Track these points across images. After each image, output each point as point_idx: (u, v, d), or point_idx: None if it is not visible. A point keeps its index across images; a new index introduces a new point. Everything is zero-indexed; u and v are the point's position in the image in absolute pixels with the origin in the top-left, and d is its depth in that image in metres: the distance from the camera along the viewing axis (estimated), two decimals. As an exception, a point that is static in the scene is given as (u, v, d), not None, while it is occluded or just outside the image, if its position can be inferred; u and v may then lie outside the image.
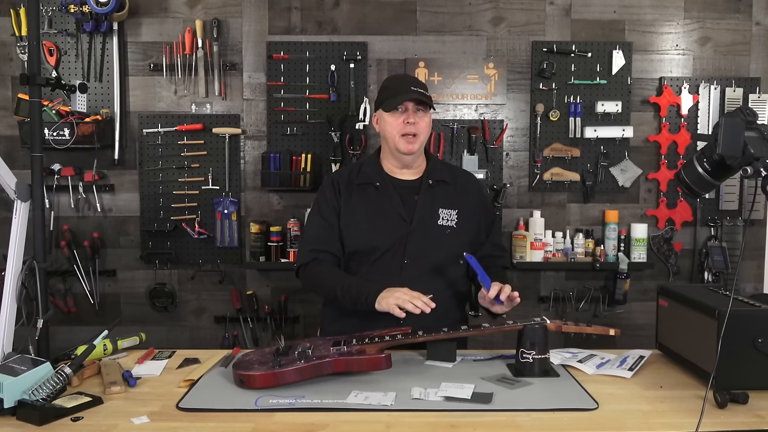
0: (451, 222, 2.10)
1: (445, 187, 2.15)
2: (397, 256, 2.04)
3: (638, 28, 3.26)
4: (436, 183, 2.14)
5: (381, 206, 2.10)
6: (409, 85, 2.08)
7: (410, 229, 2.06)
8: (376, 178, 2.13)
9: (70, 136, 3.06)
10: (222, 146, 3.23)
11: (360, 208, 2.10)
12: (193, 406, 1.59)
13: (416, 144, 2.07)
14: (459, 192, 2.16)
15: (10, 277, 1.84)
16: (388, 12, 3.25)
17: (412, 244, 2.05)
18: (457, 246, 2.09)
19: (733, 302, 1.58)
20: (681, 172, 1.70)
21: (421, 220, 2.07)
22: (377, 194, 2.11)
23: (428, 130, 2.12)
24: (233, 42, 3.25)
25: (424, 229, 2.07)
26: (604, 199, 3.31)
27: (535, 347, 1.78)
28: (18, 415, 1.53)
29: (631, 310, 3.31)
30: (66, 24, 3.20)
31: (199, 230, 3.23)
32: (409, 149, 2.07)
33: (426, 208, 2.09)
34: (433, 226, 2.08)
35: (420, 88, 2.09)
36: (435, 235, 2.07)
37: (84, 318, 3.28)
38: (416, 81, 2.15)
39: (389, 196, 2.10)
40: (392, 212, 2.08)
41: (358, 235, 2.08)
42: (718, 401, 1.56)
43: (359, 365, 1.73)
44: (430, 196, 2.11)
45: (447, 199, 2.13)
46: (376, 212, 2.09)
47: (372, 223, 2.08)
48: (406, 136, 2.06)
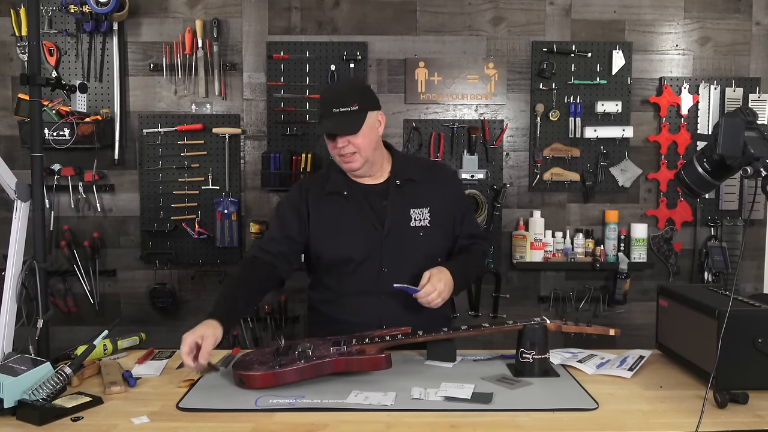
0: (423, 222, 2.04)
1: (414, 185, 2.07)
2: (375, 264, 2.00)
3: (638, 28, 3.26)
4: (405, 182, 2.07)
5: (351, 216, 2.05)
6: (331, 106, 1.96)
7: (383, 236, 2.01)
8: (343, 186, 2.07)
9: (70, 136, 3.06)
10: (222, 146, 3.22)
11: (331, 219, 2.06)
12: (193, 406, 1.59)
13: (358, 161, 1.99)
14: (429, 187, 2.09)
15: (10, 277, 1.84)
16: (388, 12, 3.25)
17: (387, 251, 2.01)
18: (433, 245, 2.05)
19: (733, 302, 1.58)
20: (681, 172, 1.70)
21: (393, 225, 2.02)
22: (346, 203, 2.06)
23: (369, 139, 1.99)
24: (233, 42, 3.25)
25: (397, 234, 2.02)
26: (604, 199, 3.31)
27: (535, 347, 1.78)
28: (18, 415, 1.53)
29: (631, 310, 3.31)
30: (66, 24, 3.20)
31: (199, 230, 3.23)
32: (351, 168, 2.02)
33: (396, 211, 2.04)
34: (406, 229, 2.03)
35: (343, 106, 1.95)
36: (409, 238, 2.02)
37: (84, 318, 3.28)
38: (341, 97, 1.98)
39: (358, 205, 2.05)
40: (363, 221, 2.03)
41: (332, 248, 2.04)
42: (718, 401, 1.56)
43: (359, 365, 1.73)
44: (399, 198, 2.05)
45: (417, 197, 2.06)
46: (347, 223, 2.04)
47: (345, 235, 2.03)
48: (343, 156, 1.99)
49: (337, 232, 2.04)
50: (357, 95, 2.00)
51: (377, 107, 2.05)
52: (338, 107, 1.95)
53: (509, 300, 3.30)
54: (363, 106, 1.98)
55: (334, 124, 1.95)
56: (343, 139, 1.96)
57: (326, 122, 1.97)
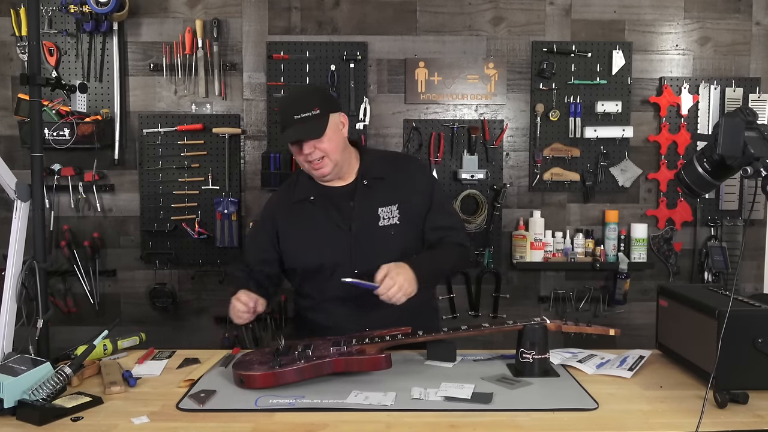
0: (393, 220, 2.01)
1: (382, 183, 2.04)
2: (347, 268, 1.98)
3: (638, 28, 3.26)
4: (372, 181, 2.04)
5: (319, 222, 2.03)
6: (292, 113, 1.94)
7: (352, 238, 1.99)
8: (310, 192, 2.06)
9: (70, 136, 3.06)
10: (222, 146, 3.22)
11: (300, 228, 2.05)
12: (193, 406, 1.59)
13: (328, 166, 1.98)
14: (397, 183, 2.05)
15: (10, 277, 1.84)
16: (388, 12, 3.25)
17: (358, 253, 1.99)
18: (406, 242, 2.02)
19: (733, 302, 1.58)
20: (681, 172, 1.70)
21: (361, 227, 2.00)
22: (314, 209, 2.05)
23: (336, 142, 1.97)
24: (233, 42, 3.25)
25: (366, 235, 2.00)
26: (604, 199, 3.31)
27: (535, 347, 1.78)
28: (18, 415, 1.53)
29: (631, 310, 3.31)
30: (66, 24, 3.20)
31: (199, 230, 3.23)
32: (321, 174, 2.00)
33: (363, 212, 2.01)
34: (375, 229, 2.00)
35: (303, 111, 1.92)
36: (379, 237, 2.00)
37: (84, 318, 3.28)
38: (300, 103, 1.95)
39: (325, 210, 2.03)
40: (330, 226, 2.02)
41: (304, 256, 2.05)
42: (718, 401, 1.56)
43: (359, 365, 1.73)
44: (367, 198, 2.03)
45: (385, 195, 2.03)
46: (315, 229, 2.03)
47: (314, 242, 2.03)
48: (312, 163, 1.97)
49: (306, 240, 2.04)
50: (316, 99, 1.97)
51: (338, 109, 2.04)
52: (299, 113, 1.93)
53: (509, 300, 3.30)
54: (324, 109, 1.95)
55: (297, 131, 1.93)
56: (309, 144, 1.94)
57: (289, 131, 1.95)
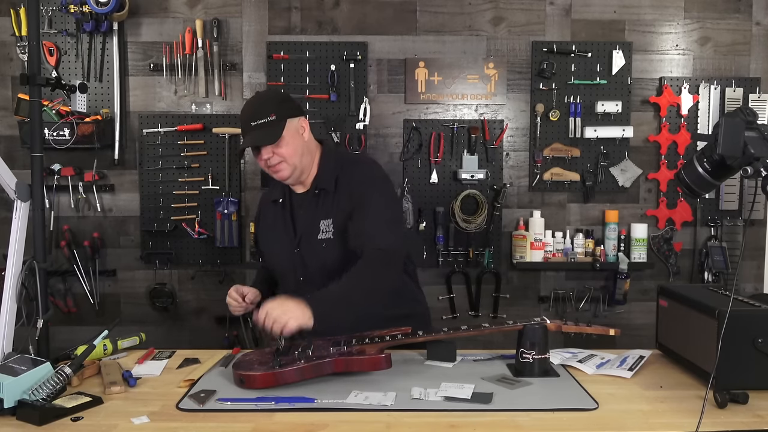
0: (328, 234, 1.99)
1: (326, 195, 2.02)
2: (294, 273, 2.04)
3: (638, 28, 3.26)
4: (321, 191, 2.03)
5: (277, 226, 2.09)
6: (249, 120, 1.95)
7: (297, 247, 2.03)
8: (280, 194, 2.11)
9: (70, 136, 3.06)
10: (222, 146, 3.22)
11: (267, 227, 2.15)
12: (193, 406, 1.59)
13: (286, 170, 1.97)
14: (339, 195, 2.00)
15: (10, 277, 1.84)
16: (388, 12, 3.25)
17: (301, 261, 2.03)
18: (337, 257, 1.97)
19: (733, 302, 1.58)
20: (681, 172, 1.70)
21: (304, 237, 2.02)
22: (278, 212, 2.10)
23: (294, 147, 1.95)
24: (233, 42, 3.25)
25: (307, 246, 2.02)
26: (604, 199, 3.31)
27: (535, 347, 1.78)
28: (18, 415, 1.53)
29: (631, 310, 3.31)
30: (66, 24, 3.20)
31: (199, 230, 3.23)
32: (280, 177, 2.00)
33: (307, 223, 2.02)
34: (314, 241, 2.00)
35: (259, 118, 1.93)
36: (316, 250, 2.00)
37: (84, 318, 3.28)
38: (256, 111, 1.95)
39: (284, 214, 2.08)
40: (285, 230, 2.07)
41: (266, 255, 2.17)
42: (718, 401, 1.56)
43: (359, 365, 1.73)
44: (312, 209, 2.03)
45: (326, 208, 2.01)
46: (275, 231, 2.10)
47: (272, 243, 2.11)
48: (271, 168, 1.99)
49: (269, 241, 2.14)
50: (272, 106, 1.97)
51: (298, 114, 2.01)
52: (255, 120, 1.94)
53: (509, 300, 3.30)
54: (280, 114, 1.94)
55: (253, 137, 1.95)
56: (267, 150, 1.95)
57: (246, 137, 1.97)
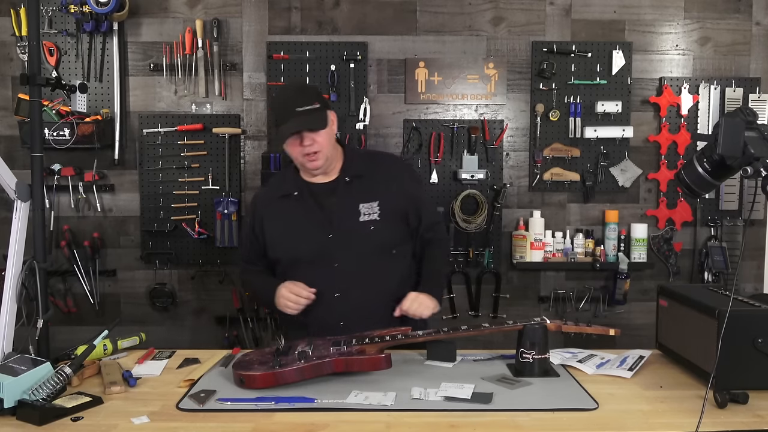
0: (373, 215, 2.05)
1: (363, 180, 2.09)
2: (327, 261, 2.03)
3: (638, 28, 3.26)
4: (354, 178, 2.09)
5: (300, 216, 2.09)
6: (294, 106, 1.98)
7: (332, 233, 2.04)
8: (294, 188, 2.11)
9: (70, 136, 3.06)
10: (222, 146, 3.22)
11: (283, 221, 2.11)
12: (193, 406, 1.59)
13: (320, 159, 2.02)
14: (379, 181, 2.10)
15: (10, 277, 1.84)
16: (388, 12, 3.25)
17: (338, 246, 2.03)
18: (385, 238, 2.07)
19: (733, 302, 1.58)
20: (681, 172, 1.70)
21: (341, 222, 2.05)
22: (296, 204, 2.10)
23: (329, 138, 2.03)
24: (233, 42, 3.25)
25: (346, 230, 2.04)
26: (604, 199, 3.31)
27: (535, 347, 1.78)
28: (18, 415, 1.53)
29: (631, 310, 3.31)
30: (66, 24, 3.20)
31: (199, 230, 3.23)
32: (314, 166, 2.04)
33: (344, 207, 2.06)
34: (355, 224, 2.04)
35: (306, 104, 1.97)
36: (359, 233, 2.04)
37: (84, 318, 3.28)
38: (301, 96, 2.01)
39: (307, 205, 2.08)
40: (312, 220, 2.07)
41: (285, 249, 2.10)
42: (718, 401, 1.56)
43: (359, 365, 1.73)
44: (348, 194, 2.07)
45: (366, 192, 2.07)
46: (298, 223, 2.09)
47: (296, 235, 2.08)
48: (308, 156, 2.01)
49: (288, 233, 2.09)
50: (316, 95, 2.04)
51: (331, 107, 2.11)
52: (301, 106, 1.97)
53: (509, 300, 3.30)
54: (322, 104, 2.02)
55: (301, 122, 1.97)
56: (309, 137, 1.98)
57: (293, 121, 1.97)
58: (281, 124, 2.01)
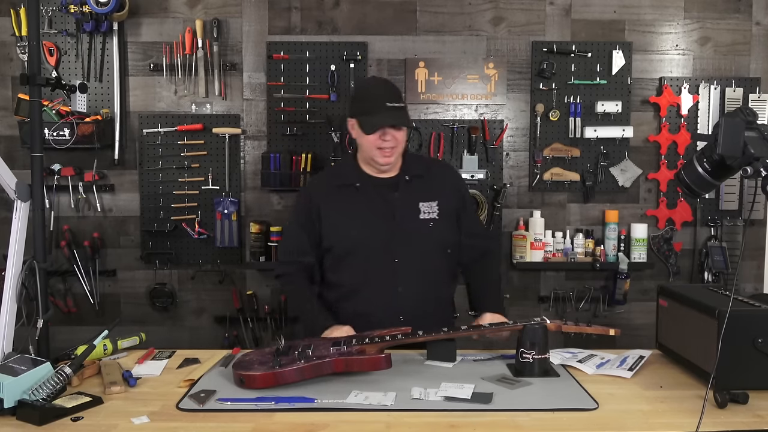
0: (432, 214, 2.11)
1: (422, 180, 2.15)
2: (387, 254, 2.06)
3: (638, 28, 3.26)
4: (413, 178, 2.14)
5: (362, 207, 2.11)
6: (385, 100, 2.03)
7: (394, 227, 2.07)
8: (354, 179, 2.13)
9: (70, 136, 3.06)
10: (222, 146, 3.22)
11: (342, 210, 2.11)
12: (193, 406, 1.59)
13: (393, 156, 2.07)
14: (436, 183, 2.17)
15: (10, 277, 1.84)
16: (388, 12, 3.24)
17: (399, 241, 2.07)
18: (442, 237, 2.13)
19: (733, 302, 1.58)
20: (681, 172, 1.70)
21: (404, 217, 2.09)
22: (357, 195, 2.12)
23: (405, 137, 2.10)
24: (233, 42, 3.25)
25: (407, 226, 2.08)
26: (604, 199, 3.31)
27: (535, 347, 1.78)
28: (18, 415, 1.53)
29: (631, 310, 3.31)
30: (66, 24, 3.20)
31: (199, 230, 3.23)
32: (386, 161, 2.07)
33: (406, 204, 2.10)
34: (416, 220, 2.10)
35: (396, 101, 2.05)
36: (419, 229, 2.09)
37: (84, 318, 3.28)
38: (391, 93, 2.08)
39: (369, 196, 2.11)
40: (375, 212, 2.10)
41: (345, 238, 2.09)
42: (718, 401, 1.56)
43: (359, 365, 1.73)
44: (409, 192, 2.12)
45: (425, 191, 2.13)
46: (359, 213, 2.10)
47: (356, 225, 2.08)
48: (383, 150, 2.04)
49: (349, 223, 2.09)
50: (401, 94, 2.12)
51: None
52: (393, 102, 2.04)
53: (509, 300, 3.30)
54: (405, 103, 2.13)
55: (393, 117, 2.02)
56: (391, 133, 2.03)
57: (384, 114, 2.01)
58: (370, 115, 2.03)
